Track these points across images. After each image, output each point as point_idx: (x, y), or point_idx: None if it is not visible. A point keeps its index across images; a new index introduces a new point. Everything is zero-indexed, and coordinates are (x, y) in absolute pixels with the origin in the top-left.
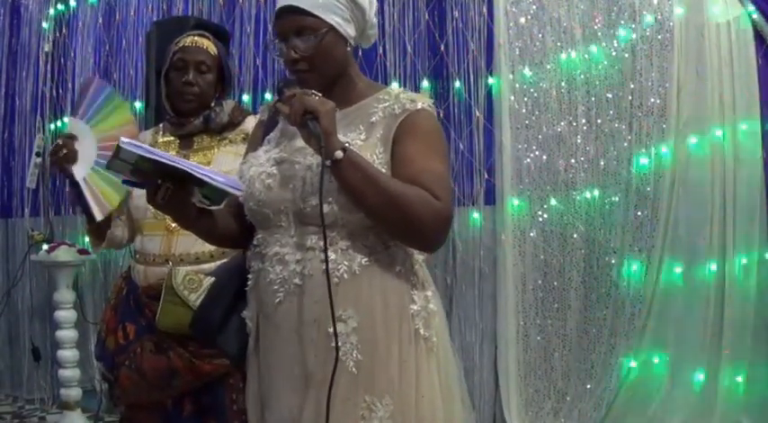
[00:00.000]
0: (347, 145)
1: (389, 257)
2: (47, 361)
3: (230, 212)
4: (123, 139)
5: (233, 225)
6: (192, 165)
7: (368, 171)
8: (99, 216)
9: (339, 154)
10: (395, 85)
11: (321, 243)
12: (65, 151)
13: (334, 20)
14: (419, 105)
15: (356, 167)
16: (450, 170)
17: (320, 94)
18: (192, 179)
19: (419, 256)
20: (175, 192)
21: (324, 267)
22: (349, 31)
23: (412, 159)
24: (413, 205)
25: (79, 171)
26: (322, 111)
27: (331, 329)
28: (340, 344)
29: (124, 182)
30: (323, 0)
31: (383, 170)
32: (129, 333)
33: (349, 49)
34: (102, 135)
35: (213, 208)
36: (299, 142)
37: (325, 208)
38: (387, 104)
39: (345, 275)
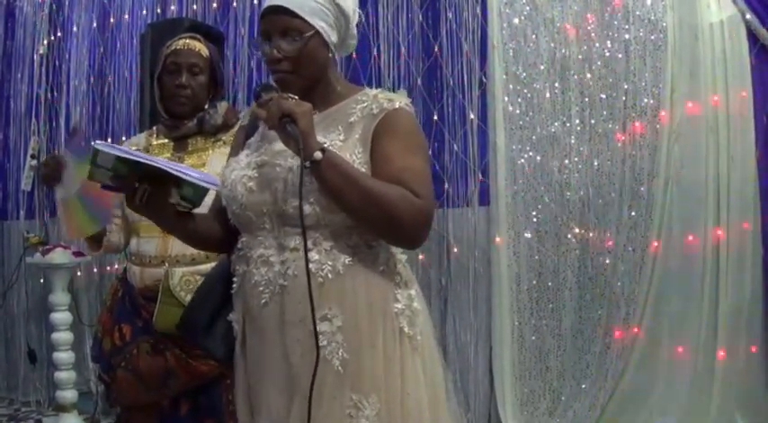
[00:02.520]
0: (326, 146)
1: (372, 257)
2: (42, 363)
3: (214, 216)
4: (98, 142)
5: (216, 229)
6: (167, 162)
7: (347, 171)
8: (68, 236)
9: (318, 155)
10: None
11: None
12: (48, 169)
13: (319, 24)
14: (397, 105)
15: (335, 168)
16: (430, 167)
17: (296, 97)
18: (170, 179)
19: (402, 256)
20: (153, 193)
21: (308, 268)
22: (332, 37)
23: (391, 158)
24: (393, 204)
25: (60, 191)
26: (299, 112)
27: (318, 329)
28: (326, 343)
29: (104, 187)
30: (311, 4)
31: (363, 169)
32: (126, 334)
33: (330, 55)
34: (84, 176)
35: (194, 211)
36: (279, 145)
37: (307, 209)
38: (365, 105)
39: (330, 275)
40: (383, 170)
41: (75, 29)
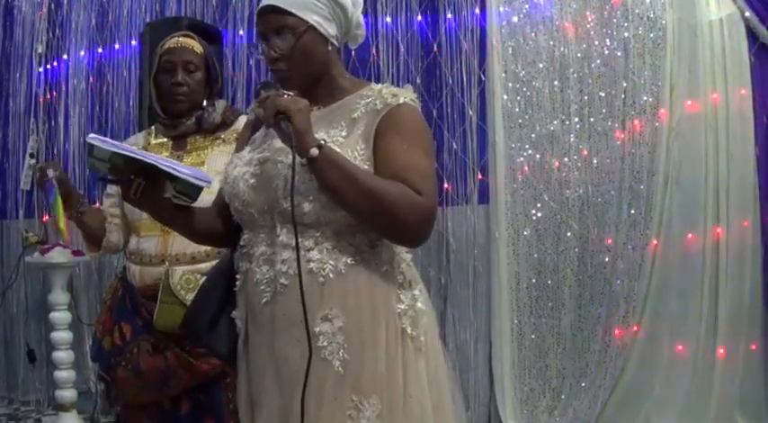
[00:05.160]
0: (323, 142)
1: (376, 257)
2: (42, 362)
3: (217, 212)
4: (91, 135)
5: (218, 224)
6: (159, 158)
7: (346, 168)
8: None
9: (314, 151)
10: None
11: (306, 242)
12: (39, 175)
13: (313, 18)
14: (401, 100)
15: (333, 165)
16: (434, 164)
17: (292, 94)
18: (163, 173)
19: (406, 255)
20: (147, 187)
21: (309, 267)
22: (330, 30)
23: (394, 154)
24: (393, 201)
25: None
26: (294, 110)
27: (318, 329)
28: (326, 343)
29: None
30: None
31: (365, 166)
32: (126, 333)
33: (331, 48)
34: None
35: (191, 204)
36: (280, 142)
37: (307, 207)
38: (369, 100)
39: (331, 275)
40: (385, 167)
41: (73, 27)
